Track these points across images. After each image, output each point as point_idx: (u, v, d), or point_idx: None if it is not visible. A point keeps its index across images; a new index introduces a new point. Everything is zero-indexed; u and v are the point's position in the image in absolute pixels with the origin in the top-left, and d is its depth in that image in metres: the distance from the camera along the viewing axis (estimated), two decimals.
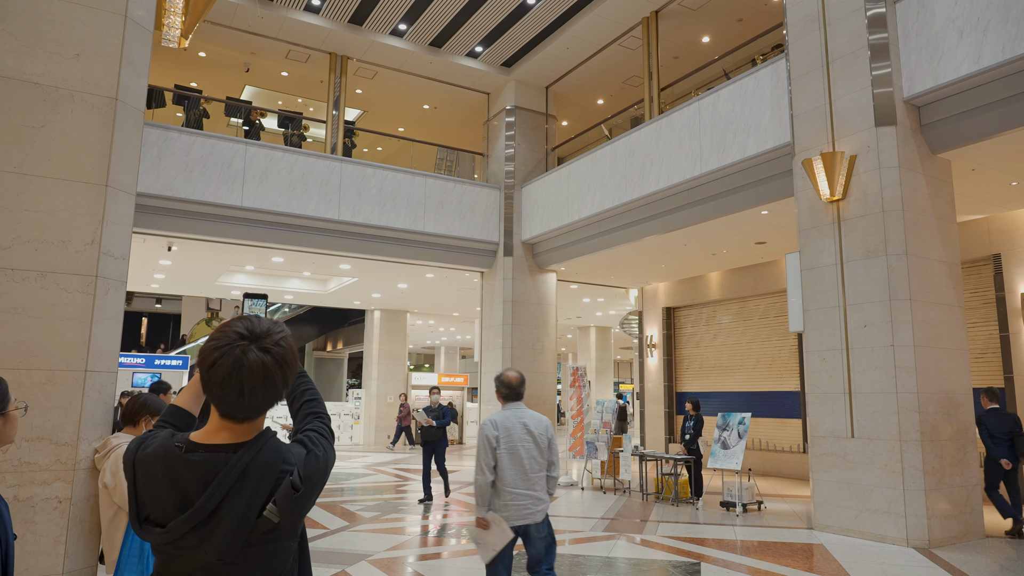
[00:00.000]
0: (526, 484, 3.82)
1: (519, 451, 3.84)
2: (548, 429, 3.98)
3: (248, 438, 1.45)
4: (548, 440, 3.95)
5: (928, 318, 7.19)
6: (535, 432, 3.91)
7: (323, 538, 7.01)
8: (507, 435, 3.85)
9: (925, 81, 7.28)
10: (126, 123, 3.73)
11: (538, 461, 3.89)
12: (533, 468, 3.85)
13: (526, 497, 3.82)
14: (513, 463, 3.82)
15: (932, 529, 6.76)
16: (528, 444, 3.87)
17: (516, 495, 3.79)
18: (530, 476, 3.83)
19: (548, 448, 3.94)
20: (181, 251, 13.09)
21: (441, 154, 16.17)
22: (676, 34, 12.56)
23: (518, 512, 3.80)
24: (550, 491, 3.96)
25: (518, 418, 3.92)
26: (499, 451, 3.82)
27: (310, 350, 28.85)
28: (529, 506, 3.82)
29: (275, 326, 1.48)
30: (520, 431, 3.88)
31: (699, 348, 15.26)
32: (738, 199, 9.68)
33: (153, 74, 13.68)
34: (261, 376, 1.40)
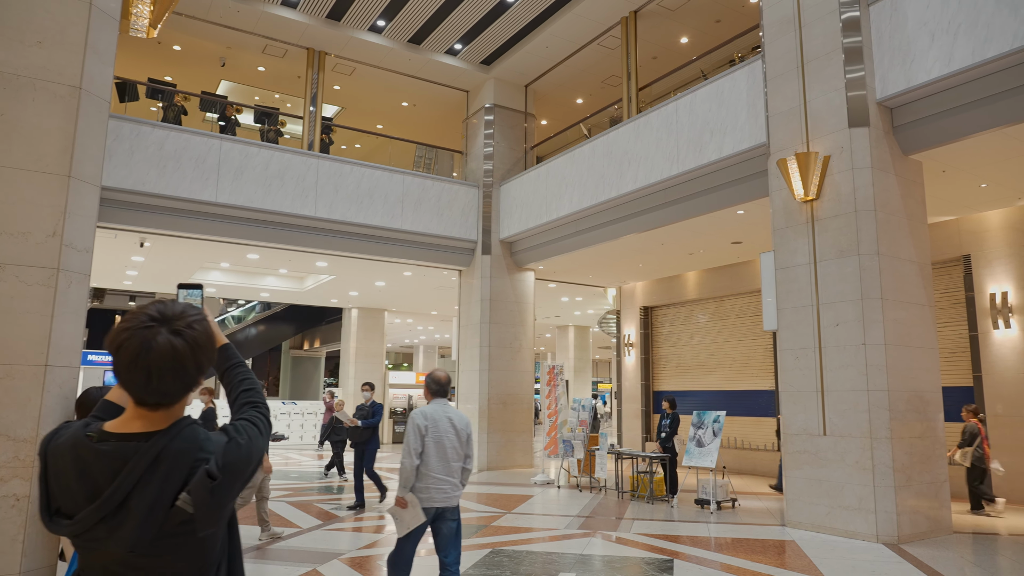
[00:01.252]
0: (447, 471, 4.25)
1: (444, 442, 4.25)
2: (468, 425, 4.43)
3: (163, 426, 1.39)
4: (467, 435, 4.39)
5: (899, 317, 7.28)
6: (457, 426, 4.35)
7: (296, 537, 6.94)
8: (434, 426, 4.26)
9: (898, 83, 7.38)
10: (90, 113, 3.66)
11: (458, 452, 4.32)
12: (453, 458, 4.28)
13: (446, 483, 4.24)
14: (438, 452, 4.23)
15: (901, 525, 6.85)
16: (451, 436, 4.29)
17: (438, 480, 4.22)
18: (451, 465, 4.27)
19: (467, 442, 4.38)
20: (154, 247, 12.89)
21: (420, 152, 16.09)
22: (655, 34, 12.62)
23: (440, 495, 4.22)
24: (463, 481, 4.38)
25: (444, 412, 4.34)
26: (426, 440, 4.22)
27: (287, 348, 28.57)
28: (448, 491, 4.25)
29: (190, 309, 1.43)
30: (445, 424, 4.30)
31: (676, 347, 15.35)
32: (714, 199, 9.75)
33: (126, 67, 13.49)
34: (170, 359, 1.35)
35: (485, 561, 5.98)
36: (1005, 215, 9.79)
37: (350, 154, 17.32)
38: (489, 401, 13.55)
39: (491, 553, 6.30)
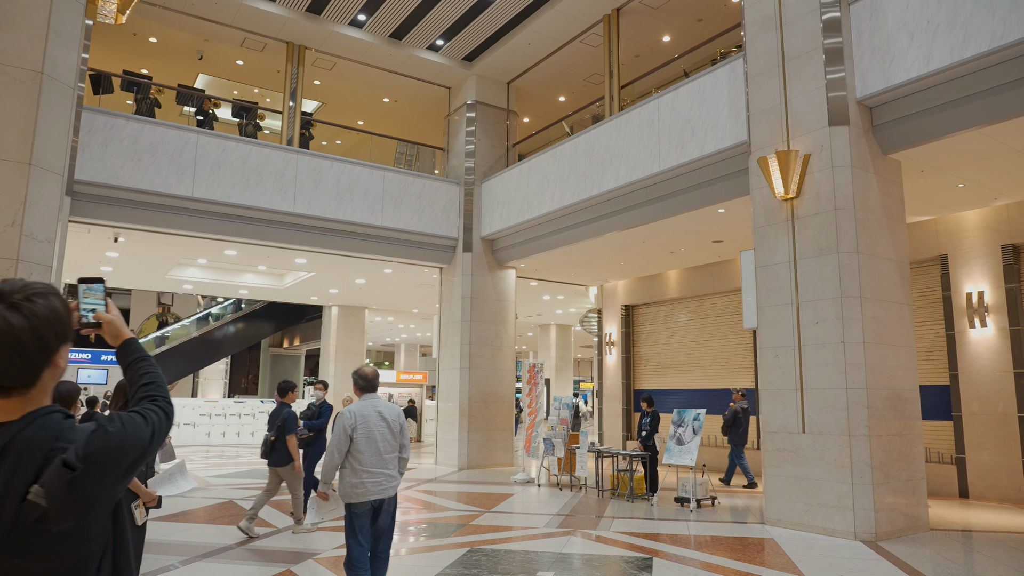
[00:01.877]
0: (381, 464, 4.37)
1: (375, 435, 4.38)
2: (400, 417, 4.59)
3: (15, 416, 1.28)
4: (400, 426, 4.54)
5: (877, 315, 7.31)
6: (389, 419, 4.48)
7: (270, 537, 6.82)
8: (364, 422, 4.38)
9: (877, 82, 7.40)
10: (53, 99, 3.53)
11: (391, 444, 4.45)
12: (387, 450, 4.41)
13: (381, 475, 4.35)
14: (369, 446, 4.35)
15: (879, 522, 6.88)
16: (383, 429, 4.42)
17: (373, 473, 4.32)
18: (384, 457, 4.39)
19: (400, 433, 4.52)
20: (129, 242, 12.67)
21: (401, 148, 15.97)
22: (637, 33, 12.60)
23: (376, 487, 4.32)
24: (401, 470, 4.53)
25: (374, 407, 4.47)
26: (356, 436, 4.34)
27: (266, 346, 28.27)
28: (384, 482, 4.37)
29: (37, 285, 1.32)
30: (376, 418, 4.43)
31: (657, 346, 15.36)
32: (696, 197, 9.74)
33: (101, 59, 13.23)
34: (4, 336, 1.24)
35: (463, 560, 5.91)
36: (982, 215, 9.89)
37: (332, 150, 17.12)
38: (470, 399, 13.47)
39: (469, 552, 6.23)
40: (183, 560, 5.83)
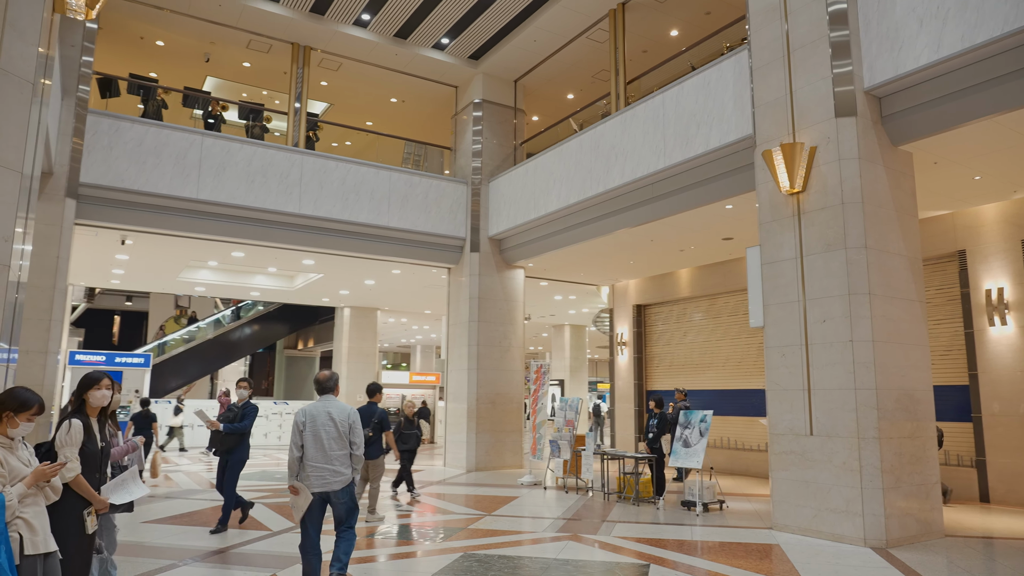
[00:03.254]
0: (326, 460, 4.77)
1: (321, 434, 4.79)
2: (350, 417, 4.93)
3: None
4: (349, 426, 4.88)
5: (888, 313, 7.04)
6: (337, 420, 4.85)
7: (262, 540, 6.73)
8: (312, 422, 4.82)
9: (885, 71, 7.13)
10: (10, 94, 3.44)
11: (338, 442, 4.82)
12: (332, 448, 4.79)
13: (325, 470, 4.76)
14: (316, 444, 4.78)
15: (890, 529, 6.61)
16: (330, 429, 4.81)
17: (317, 468, 4.76)
18: (329, 454, 4.78)
19: (349, 432, 4.87)
20: (137, 245, 12.72)
21: (408, 148, 15.89)
22: (644, 27, 12.39)
23: (319, 481, 4.76)
24: (354, 466, 4.90)
25: (324, 408, 4.89)
26: (305, 434, 4.78)
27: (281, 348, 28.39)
28: (327, 476, 4.77)
29: None
30: (324, 418, 4.83)
31: (669, 346, 15.11)
32: (702, 193, 9.52)
33: (109, 63, 13.31)
34: None
35: (454, 566, 5.76)
36: (1001, 208, 9.54)
37: (340, 151, 17.09)
38: (478, 400, 13.33)
39: (462, 557, 6.08)
40: (170, 564, 5.75)
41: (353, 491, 4.98)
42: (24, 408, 3.26)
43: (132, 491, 4.11)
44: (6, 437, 3.24)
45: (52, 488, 3.41)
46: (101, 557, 4.62)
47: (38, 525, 3.26)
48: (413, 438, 9.86)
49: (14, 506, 3.12)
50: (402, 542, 6.89)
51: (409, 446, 9.75)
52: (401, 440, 9.64)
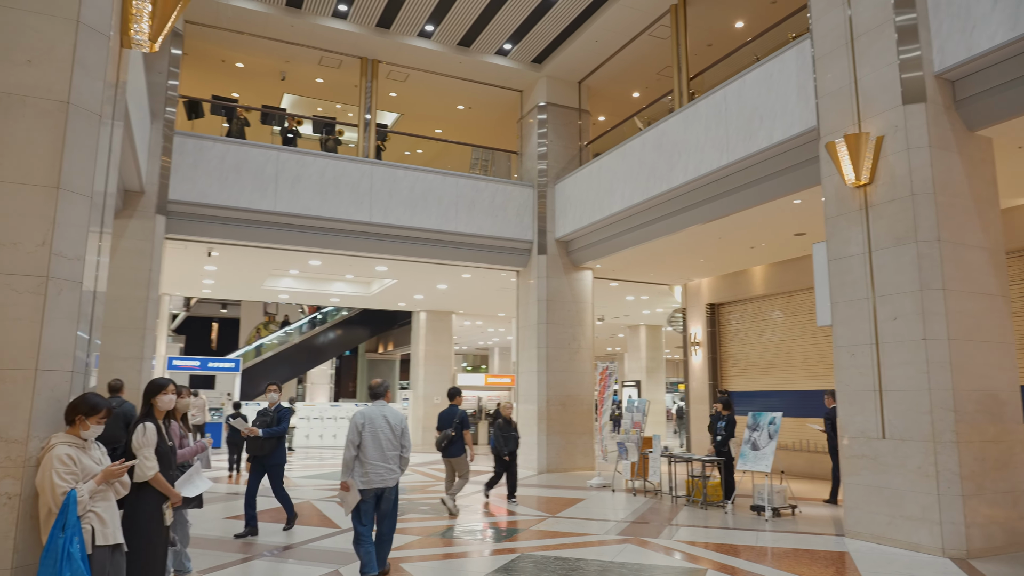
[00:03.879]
0: (383, 459, 5.29)
1: (379, 436, 5.30)
2: (402, 421, 5.45)
3: None
4: (401, 429, 5.42)
5: (965, 309, 6.64)
6: (392, 423, 5.38)
7: (330, 537, 7.02)
8: (371, 423, 5.32)
9: (957, 53, 6.74)
10: (79, 126, 3.78)
11: (392, 443, 5.35)
12: (388, 448, 5.32)
13: (383, 468, 5.28)
14: (374, 444, 5.28)
15: (971, 538, 6.23)
16: (386, 431, 5.34)
17: (376, 466, 5.27)
18: (386, 454, 5.31)
19: (401, 435, 5.40)
20: (222, 256, 13.48)
21: (476, 154, 16.14)
22: (708, 21, 12.14)
23: (377, 477, 5.26)
24: (401, 468, 5.41)
25: (380, 412, 5.40)
26: (364, 434, 5.28)
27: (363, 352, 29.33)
28: (384, 474, 5.30)
29: None
30: (381, 421, 5.35)
31: (744, 346, 14.70)
32: (767, 189, 9.25)
33: (195, 86, 14.17)
34: None
35: (507, 567, 5.85)
36: None
37: (413, 159, 17.58)
38: (548, 402, 13.39)
39: (517, 558, 6.16)
40: (244, 557, 6.10)
41: (398, 490, 5.49)
42: (94, 412, 3.57)
43: (198, 485, 4.42)
44: (79, 438, 3.56)
45: (121, 484, 3.72)
46: (175, 550, 4.98)
47: (108, 519, 3.56)
48: (512, 440, 9.52)
49: (85, 501, 3.43)
50: (462, 541, 7.03)
51: (509, 448, 9.45)
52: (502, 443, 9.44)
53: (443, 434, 8.77)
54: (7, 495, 3.42)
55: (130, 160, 9.20)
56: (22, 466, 3.46)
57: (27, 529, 3.46)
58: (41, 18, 3.75)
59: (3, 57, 3.65)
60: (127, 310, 10.26)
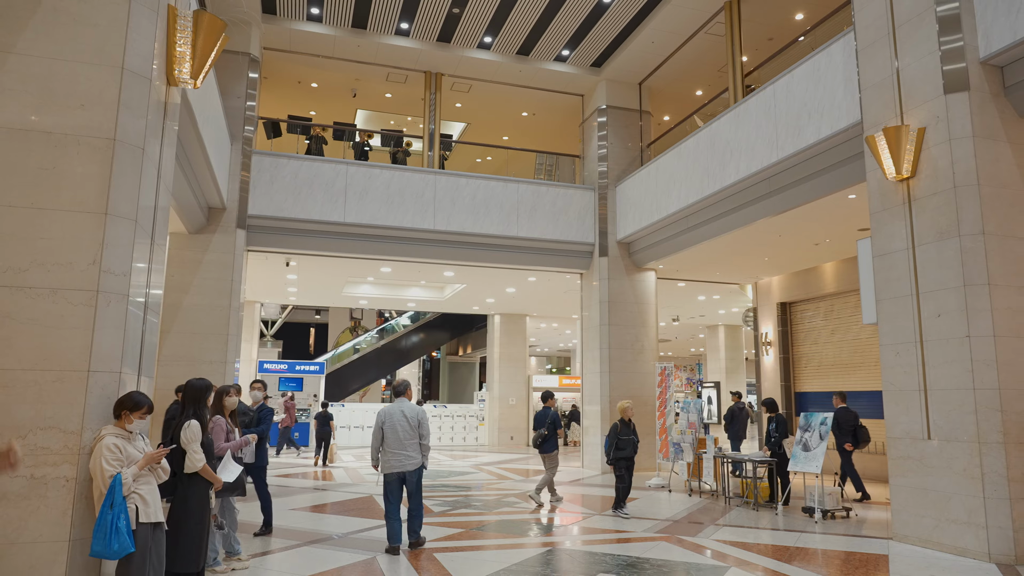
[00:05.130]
0: (400, 447, 6.31)
1: (396, 428, 6.33)
2: (419, 415, 6.42)
3: None
4: (418, 421, 6.39)
5: (1015, 305, 6.34)
6: (408, 416, 6.38)
7: (378, 528, 7.49)
8: (389, 418, 6.38)
9: (1003, 37, 6.45)
10: (124, 159, 4.36)
11: (409, 434, 6.33)
12: (406, 438, 6.32)
13: (400, 455, 6.31)
14: (392, 435, 6.33)
15: (1020, 543, 5.96)
16: (403, 423, 6.35)
17: (395, 453, 6.32)
18: (403, 442, 6.32)
19: (418, 427, 6.37)
20: (300, 265, 14.39)
21: (540, 159, 16.43)
22: (766, 14, 11.93)
23: (396, 463, 6.32)
24: (423, 455, 6.39)
25: (398, 408, 6.44)
26: (385, 427, 6.35)
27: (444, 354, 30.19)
28: (403, 460, 6.31)
29: None
30: (399, 416, 6.38)
31: (817, 345, 14.25)
32: (818, 185, 9.06)
33: (274, 107, 15.20)
34: None
35: (536, 559, 6.10)
36: None
37: (483, 166, 18.10)
38: (611, 403, 13.49)
39: (547, 552, 6.40)
40: (293, 544, 6.65)
41: (422, 473, 6.44)
42: (137, 408, 4.12)
43: (231, 471, 4.98)
44: (124, 430, 4.12)
45: (163, 470, 4.26)
46: (224, 533, 5.55)
47: (151, 499, 4.10)
48: (630, 445, 8.70)
49: (129, 484, 3.97)
50: (500, 534, 7.33)
51: (626, 454, 8.66)
52: (617, 447, 8.69)
53: (538, 433, 9.58)
54: (65, 478, 4.01)
55: (209, 180, 10.08)
56: (77, 453, 4.05)
57: (82, 507, 4.05)
58: (92, 67, 4.36)
59: (62, 103, 4.28)
60: (212, 318, 11.21)
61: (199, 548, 4.76)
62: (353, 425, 18.87)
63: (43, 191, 4.18)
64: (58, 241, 4.16)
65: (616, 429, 8.81)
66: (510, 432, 20.57)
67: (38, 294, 4.09)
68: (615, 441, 8.73)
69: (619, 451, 8.65)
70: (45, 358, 4.06)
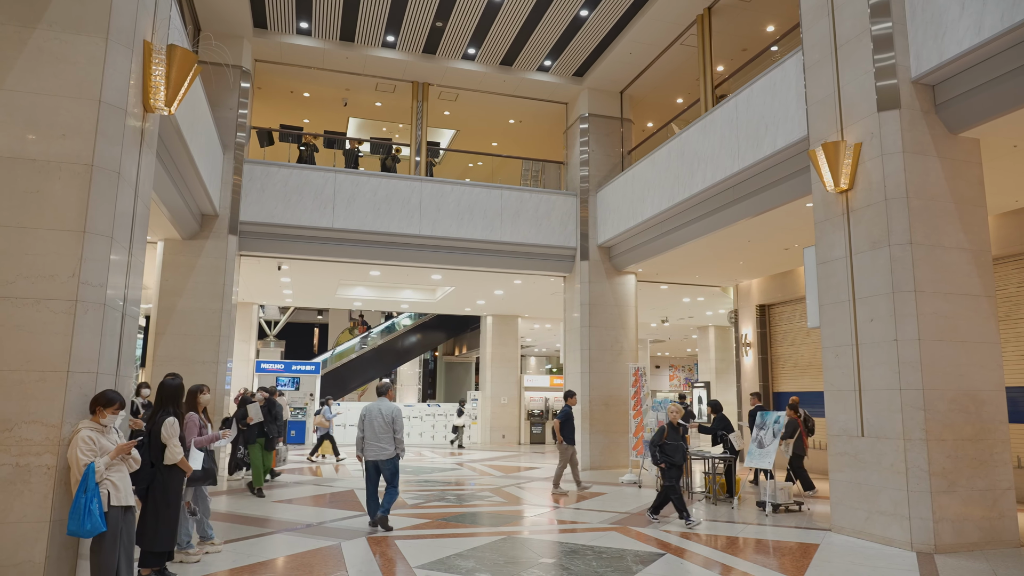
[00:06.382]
0: (375, 439, 7.44)
1: (373, 423, 7.46)
2: (392, 412, 7.51)
3: None
4: (392, 418, 7.47)
5: (940, 310, 6.77)
6: (384, 413, 7.49)
7: (355, 519, 7.99)
8: (369, 414, 7.53)
9: (931, 59, 6.88)
10: (101, 182, 4.87)
11: (384, 428, 7.44)
12: (381, 432, 7.44)
13: (375, 446, 7.43)
14: (370, 429, 7.47)
15: (940, 533, 6.39)
16: (379, 420, 7.47)
17: (371, 444, 7.45)
18: (379, 435, 7.44)
19: (392, 423, 7.45)
20: (293, 269, 14.92)
21: (526, 165, 16.89)
22: (739, 27, 12.35)
23: (372, 452, 7.44)
24: (396, 447, 7.44)
25: (377, 407, 7.56)
26: (364, 422, 7.48)
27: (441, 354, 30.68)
28: (376, 450, 7.42)
29: None
30: (376, 413, 7.51)
31: (794, 346, 14.66)
32: (776, 194, 9.49)
33: (267, 117, 15.72)
34: None
35: (487, 546, 6.57)
36: None
37: (473, 172, 18.59)
38: (591, 402, 13.95)
39: (501, 540, 6.87)
40: (267, 532, 7.16)
41: (397, 462, 7.49)
42: (109, 404, 4.63)
43: (196, 460, 5.54)
44: (99, 424, 4.62)
45: (133, 459, 4.77)
46: (197, 519, 6.05)
47: (122, 486, 4.61)
48: (679, 451, 7.92)
49: (102, 471, 4.48)
50: (462, 524, 7.81)
51: (675, 460, 7.90)
52: (663, 452, 7.91)
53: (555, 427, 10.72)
54: (46, 466, 4.52)
55: (200, 189, 10.59)
56: (57, 444, 4.55)
57: (61, 492, 4.55)
58: (72, 101, 4.86)
59: (45, 133, 4.79)
60: (205, 320, 11.73)
61: (174, 531, 5.32)
62: (349, 424, 19.37)
63: (29, 212, 4.68)
64: (42, 256, 4.66)
65: (663, 433, 8.04)
66: (502, 431, 21.05)
67: (24, 303, 4.59)
68: (660, 446, 7.94)
69: (667, 457, 7.87)
70: (29, 360, 4.56)
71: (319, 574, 5.50)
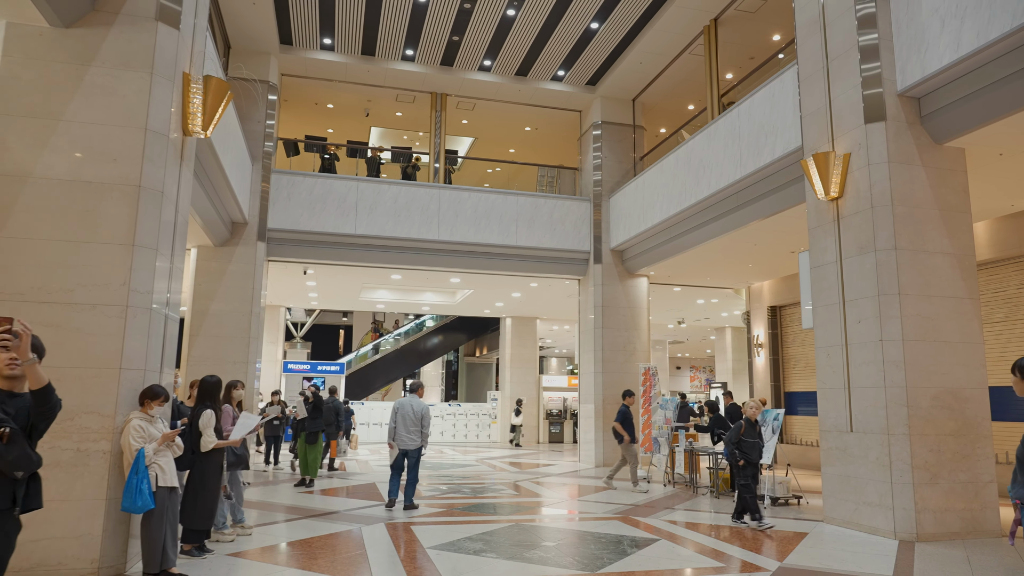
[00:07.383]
0: (405, 430, 8.43)
1: (405, 417, 8.44)
2: (421, 408, 8.51)
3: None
4: (420, 415, 8.48)
5: (923, 312, 7.15)
6: (414, 408, 8.47)
7: (370, 508, 8.56)
8: (401, 409, 8.51)
9: (915, 73, 7.27)
10: (147, 201, 5.49)
11: (414, 422, 8.43)
12: (410, 424, 8.42)
13: (406, 437, 8.40)
14: (402, 422, 8.44)
15: (922, 523, 6.77)
16: (410, 414, 8.45)
17: (401, 435, 8.42)
18: (409, 428, 8.42)
19: (419, 419, 8.46)
20: (317, 274, 15.59)
21: (542, 172, 17.40)
22: (745, 36, 12.74)
23: (402, 443, 8.41)
24: (423, 440, 8.45)
25: (408, 403, 8.52)
26: (397, 415, 8.46)
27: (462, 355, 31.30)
28: (405, 440, 8.40)
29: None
30: (407, 408, 8.49)
31: (804, 347, 14.97)
32: (777, 200, 9.89)
33: (294, 128, 16.42)
34: None
35: (496, 532, 7.09)
36: None
37: (491, 178, 19.15)
38: (604, 402, 14.40)
39: (509, 526, 7.39)
40: (293, 517, 7.75)
41: (419, 453, 8.48)
42: (155, 397, 5.24)
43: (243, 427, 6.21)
44: (147, 414, 5.24)
45: (177, 446, 5.37)
46: (231, 503, 6.66)
47: (167, 469, 5.21)
48: (756, 450, 7.67)
49: (150, 456, 5.08)
50: (474, 514, 8.33)
51: (751, 458, 7.63)
52: (741, 450, 7.64)
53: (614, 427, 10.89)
54: (103, 451, 5.14)
55: (231, 199, 11.27)
56: (112, 432, 5.17)
57: (115, 474, 5.17)
58: (122, 129, 5.49)
59: (99, 159, 5.42)
60: (235, 322, 12.42)
61: (212, 510, 5.93)
62: (372, 422, 20.03)
63: (85, 228, 5.32)
64: (96, 267, 5.29)
65: (740, 429, 7.68)
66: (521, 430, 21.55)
67: (82, 309, 5.22)
68: (738, 443, 7.65)
69: (744, 454, 7.60)
70: (87, 359, 5.19)
71: (340, 553, 6.06)
